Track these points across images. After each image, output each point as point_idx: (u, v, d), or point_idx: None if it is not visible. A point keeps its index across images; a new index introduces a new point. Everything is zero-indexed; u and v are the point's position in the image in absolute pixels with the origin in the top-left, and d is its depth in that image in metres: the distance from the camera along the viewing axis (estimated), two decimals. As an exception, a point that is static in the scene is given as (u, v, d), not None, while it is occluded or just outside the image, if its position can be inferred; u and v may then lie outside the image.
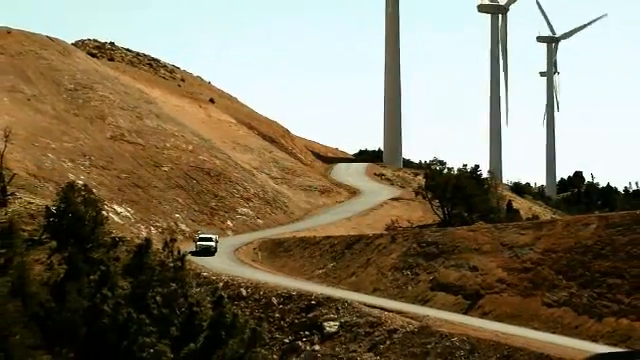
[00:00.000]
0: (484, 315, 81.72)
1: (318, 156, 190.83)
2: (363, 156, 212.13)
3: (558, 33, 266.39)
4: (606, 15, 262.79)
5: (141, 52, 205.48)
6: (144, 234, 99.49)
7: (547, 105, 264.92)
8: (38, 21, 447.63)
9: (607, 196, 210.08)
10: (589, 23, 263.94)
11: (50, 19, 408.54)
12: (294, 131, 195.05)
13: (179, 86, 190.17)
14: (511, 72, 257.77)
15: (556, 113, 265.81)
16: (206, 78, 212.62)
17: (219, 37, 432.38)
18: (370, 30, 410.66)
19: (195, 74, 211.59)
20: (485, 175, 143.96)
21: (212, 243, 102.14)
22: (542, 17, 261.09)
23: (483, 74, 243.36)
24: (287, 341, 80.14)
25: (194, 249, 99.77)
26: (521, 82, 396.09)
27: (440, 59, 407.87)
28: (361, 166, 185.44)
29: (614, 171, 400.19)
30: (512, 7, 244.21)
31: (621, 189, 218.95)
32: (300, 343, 79.46)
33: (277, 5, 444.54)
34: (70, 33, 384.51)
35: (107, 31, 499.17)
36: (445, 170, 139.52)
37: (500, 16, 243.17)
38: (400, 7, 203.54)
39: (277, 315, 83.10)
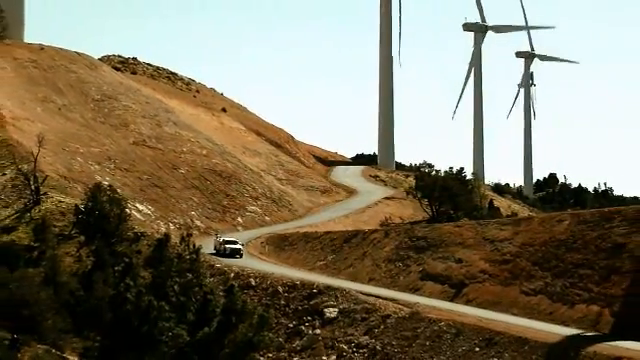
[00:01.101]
0: (468, 302, 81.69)
1: (319, 159, 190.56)
2: (360, 159, 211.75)
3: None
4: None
5: (161, 66, 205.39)
6: (163, 230, 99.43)
7: (525, 113, 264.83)
8: (68, 38, 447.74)
9: (579, 195, 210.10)
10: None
11: (79, 36, 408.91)
12: (298, 137, 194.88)
13: (194, 97, 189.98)
14: (492, 84, 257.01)
15: (533, 121, 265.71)
16: (219, 90, 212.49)
17: (230, 53, 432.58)
18: (367, 45, 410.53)
19: (209, 86, 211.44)
20: (469, 177, 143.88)
21: (240, 246, 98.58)
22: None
23: (467, 85, 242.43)
24: (291, 325, 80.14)
25: (214, 250, 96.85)
26: (501, 93, 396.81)
27: (430, 72, 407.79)
28: (358, 168, 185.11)
29: (585, 173, 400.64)
30: (493, 25, 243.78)
31: (591, 189, 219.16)
32: (303, 327, 79.46)
33: (281, 22, 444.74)
34: (97, 49, 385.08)
35: (130, 47, 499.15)
36: (433, 172, 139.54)
37: (482, 34, 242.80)
38: (393, 24, 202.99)
39: (282, 302, 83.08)
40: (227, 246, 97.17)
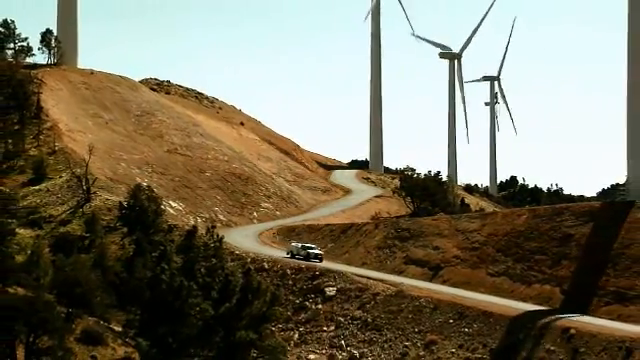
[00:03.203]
0: (444, 282, 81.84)
1: (321, 164, 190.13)
2: (354, 164, 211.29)
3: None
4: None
5: (190, 87, 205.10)
6: (192, 222, 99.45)
7: (490, 126, 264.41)
8: (114, 64, 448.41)
9: (535, 194, 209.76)
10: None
11: (122, 62, 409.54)
12: (302, 145, 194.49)
13: (217, 112, 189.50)
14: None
15: (497, 133, 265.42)
16: (238, 107, 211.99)
17: (249, 76, 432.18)
18: (361, 65, 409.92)
19: (229, 103, 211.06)
20: (444, 179, 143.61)
21: (320, 251, 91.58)
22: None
23: (444, 104, 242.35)
24: (298, 302, 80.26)
25: (287, 255, 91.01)
26: (471, 109, 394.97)
27: (413, 91, 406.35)
28: (353, 172, 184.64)
29: (540, 175, 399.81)
30: (465, 54, 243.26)
31: (545, 189, 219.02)
32: (307, 303, 79.58)
33: (287, 45, 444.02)
34: (137, 73, 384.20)
35: (165, 72, 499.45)
36: (415, 175, 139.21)
37: (456, 61, 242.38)
38: (382, 47, 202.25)
39: (290, 282, 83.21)
40: (310, 251, 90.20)
